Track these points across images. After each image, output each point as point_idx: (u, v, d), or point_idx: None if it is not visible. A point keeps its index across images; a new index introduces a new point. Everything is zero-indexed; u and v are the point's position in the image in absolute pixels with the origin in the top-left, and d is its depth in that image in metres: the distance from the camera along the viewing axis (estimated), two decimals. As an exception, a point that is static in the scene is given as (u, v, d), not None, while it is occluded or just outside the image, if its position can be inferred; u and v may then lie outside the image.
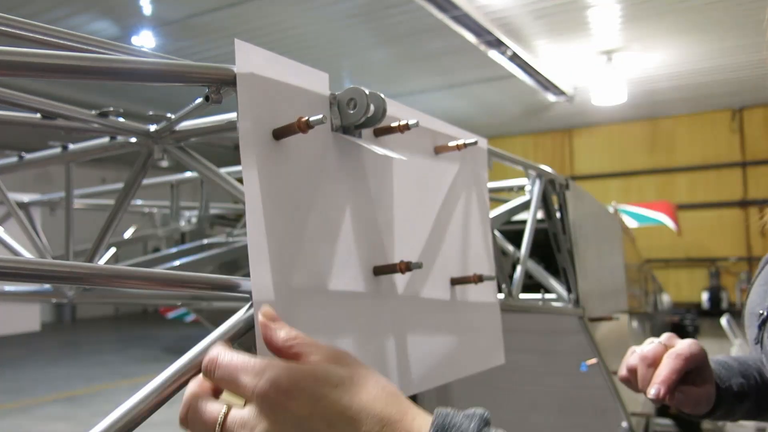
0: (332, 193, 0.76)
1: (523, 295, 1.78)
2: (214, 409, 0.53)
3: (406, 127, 0.82)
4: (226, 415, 0.53)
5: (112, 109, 1.10)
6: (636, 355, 1.02)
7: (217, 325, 0.64)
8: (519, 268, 1.74)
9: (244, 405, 0.53)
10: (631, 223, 8.38)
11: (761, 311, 0.90)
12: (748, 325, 0.96)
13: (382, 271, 0.81)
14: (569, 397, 3.06)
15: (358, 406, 0.49)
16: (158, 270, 0.65)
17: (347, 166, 0.80)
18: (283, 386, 0.50)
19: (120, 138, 1.21)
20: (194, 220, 2.62)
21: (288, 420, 0.49)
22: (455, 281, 1.04)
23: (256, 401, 0.51)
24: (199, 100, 0.76)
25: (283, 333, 0.57)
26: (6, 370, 8.47)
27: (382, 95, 0.77)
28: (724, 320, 5.60)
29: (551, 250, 2.00)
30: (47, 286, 1.43)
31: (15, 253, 1.70)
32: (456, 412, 0.51)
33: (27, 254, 1.68)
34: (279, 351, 0.57)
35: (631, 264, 4.23)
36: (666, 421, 4.87)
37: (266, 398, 0.50)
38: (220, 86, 0.67)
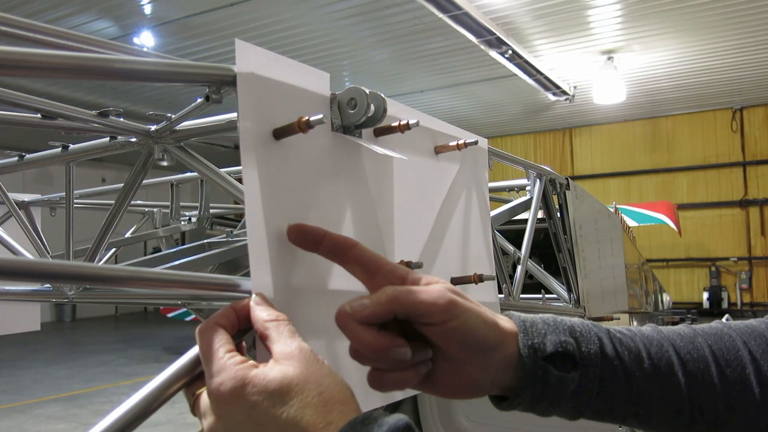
0: (332, 193, 0.76)
1: (523, 296, 1.78)
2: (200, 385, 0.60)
3: (407, 126, 0.82)
4: (197, 395, 0.59)
5: (112, 109, 1.10)
6: None
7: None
8: (519, 268, 1.74)
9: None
10: (631, 223, 8.37)
11: None
12: None
13: (382, 271, 0.81)
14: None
15: (287, 415, 0.52)
16: (158, 270, 0.65)
17: (347, 166, 0.80)
18: (225, 393, 0.54)
19: (120, 138, 1.21)
20: (194, 220, 2.62)
21: (228, 420, 0.54)
22: (455, 281, 1.03)
23: (209, 396, 0.56)
24: (200, 99, 0.76)
25: (265, 314, 0.60)
26: (6, 370, 8.47)
27: (383, 95, 0.77)
28: (724, 320, 5.60)
29: (551, 250, 2.00)
30: (47, 286, 1.43)
31: (15, 253, 1.70)
32: (369, 421, 0.51)
33: (27, 254, 1.68)
34: (257, 332, 0.60)
35: (631, 264, 4.22)
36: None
37: (212, 397, 0.55)
38: (221, 86, 0.67)
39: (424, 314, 0.60)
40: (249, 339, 0.64)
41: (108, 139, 1.24)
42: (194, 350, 0.60)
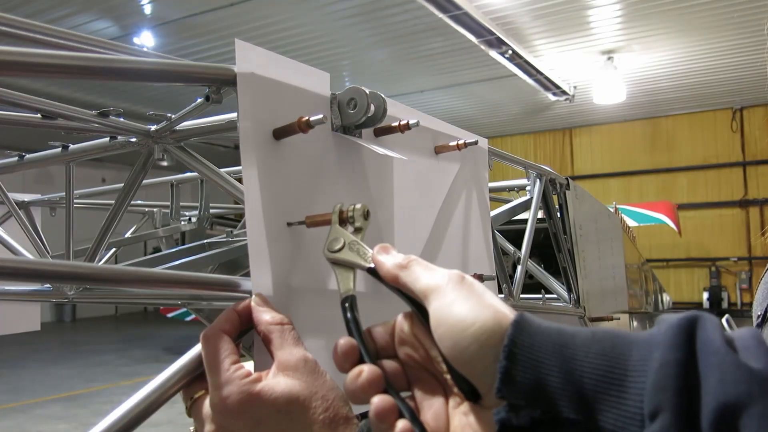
0: (332, 193, 0.76)
1: (523, 295, 1.78)
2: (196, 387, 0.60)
3: (407, 126, 0.82)
4: (196, 399, 0.59)
5: (112, 109, 1.10)
6: None
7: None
8: (519, 268, 1.74)
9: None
10: (631, 223, 8.37)
11: (759, 312, 0.89)
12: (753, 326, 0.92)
13: (382, 271, 0.81)
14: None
15: (293, 431, 0.53)
16: (158, 270, 0.65)
17: (347, 166, 0.80)
18: (231, 406, 0.54)
19: (120, 138, 1.21)
20: (194, 220, 2.62)
21: None
22: (455, 281, 1.03)
23: (212, 407, 0.55)
24: (200, 100, 0.76)
25: (268, 317, 0.60)
26: (6, 370, 8.46)
27: (383, 95, 0.77)
28: (724, 320, 5.58)
29: (551, 250, 2.00)
30: (47, 286, 1.43)
31: (15, 253, 1.70)
32: None
33: (27, 254, 1.68)
34: (260, 334, 0.60)
35: (631, 264, 4.22)
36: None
37: (217, 408, 0.55)
38: (221, 86, 0.67)
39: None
40: (247, 340, 0.63)
41: (108, 139, 1.24)
42: (194, 351, 0.60)
